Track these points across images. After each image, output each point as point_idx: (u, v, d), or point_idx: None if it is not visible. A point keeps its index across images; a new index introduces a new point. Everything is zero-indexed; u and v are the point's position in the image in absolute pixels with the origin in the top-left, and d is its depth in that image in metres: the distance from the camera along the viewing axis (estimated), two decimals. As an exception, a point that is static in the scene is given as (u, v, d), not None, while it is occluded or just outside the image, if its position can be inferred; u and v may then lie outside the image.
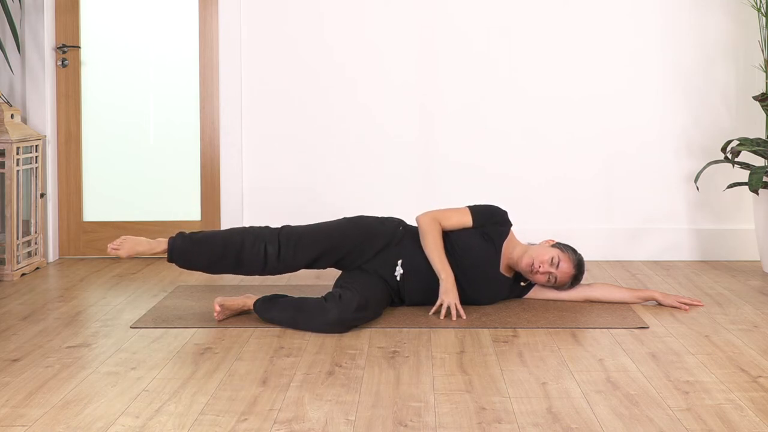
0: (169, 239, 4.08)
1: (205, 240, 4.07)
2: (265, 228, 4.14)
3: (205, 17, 5.47)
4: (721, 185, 5.39)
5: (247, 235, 4.08)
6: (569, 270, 4.15)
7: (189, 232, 4.12)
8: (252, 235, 4.08)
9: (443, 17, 5.40)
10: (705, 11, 5.37)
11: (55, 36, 5.45)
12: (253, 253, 4.04)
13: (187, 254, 4.06)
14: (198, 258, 4.06)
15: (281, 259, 4.07)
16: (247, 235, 4.08)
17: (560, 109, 5.43)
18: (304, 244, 4.09)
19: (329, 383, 3.13)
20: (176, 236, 4.09)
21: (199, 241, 4.07)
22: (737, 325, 3.91)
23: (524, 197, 5.42)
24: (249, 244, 4.05)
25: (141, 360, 3.41)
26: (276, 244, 4.07)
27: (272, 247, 4.06)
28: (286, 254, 4.07)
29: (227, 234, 4.10)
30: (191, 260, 4.07)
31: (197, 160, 5.53)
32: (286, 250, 4.07)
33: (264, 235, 4.09)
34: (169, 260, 4.09)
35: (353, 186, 5.45)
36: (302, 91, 5.44)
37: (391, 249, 4.15)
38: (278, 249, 4.06)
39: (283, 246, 4.07)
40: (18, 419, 2.80)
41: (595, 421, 2.77)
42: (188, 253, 4.06)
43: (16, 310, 4.22)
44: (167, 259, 4.08)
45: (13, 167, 4.95)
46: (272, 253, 4.06)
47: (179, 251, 4.05)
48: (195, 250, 4.05)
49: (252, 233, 4.09)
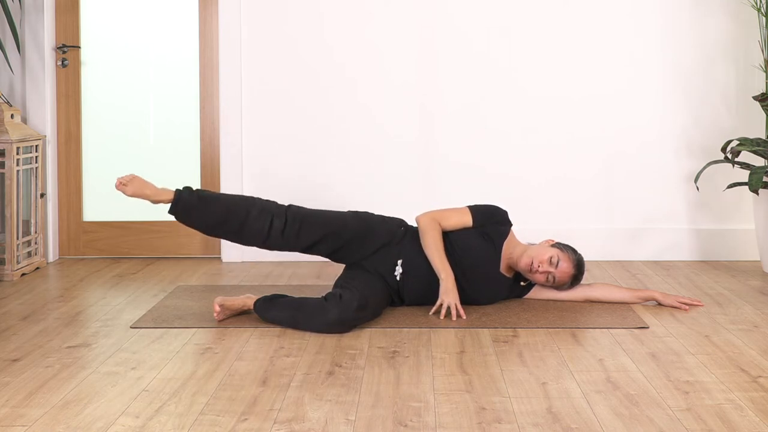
0: (176, 190, 4.02)
1: (212, 200, 4.02)
2: (272, 202, 4.13)
3: (205, 17, 5.47)
4: (721, 185, 5.39)
5: (254, 204, 4.05)
6: (568, 270, 4.15)
7: (196, 188, 4.05)
8: (259, 206, 4.06)
9: (443, 17, 5.40)
10: (705, 11, 5.37)
11: (55, 36, 5.45)
12: (258, 223, 4.02)
13: (192, 210, 4.00)
14: (201, 216, 4.00)
15: (285, 235, 4.06)
16: (254, 205, 4.05)
17: (560, 109, 5.43)
18: (309, 224, 4.08)
19: (329, 383, 3.13)
20: (183, 189, 4.03)
21: (206, 199, 4.01)
22: (737, 325, 3.91)
23: (524, 197, 5.42)
24: (255, 213, 4.03)
25: (141, 360, 3.41)
26: (283, 219, 4.05)
27: (279, 221, 4.04)
28: (290, 231, 4.05)
29: (235, 199, 4.06)
30: (194, 217, 4.01)
31: (197, 160, 5.53)
32: (292, 226, 4.06)
33: (271, 208, 4.07)
34: (170, 211, 4.01)
35: (353, 186, 5.45)
36: (302, 91, 5.44)
37: (392, 248, 4.15)
38: (284, 224, 4.05)
39: (289, 222, 4.05)
40: (18, 419, 2.80)
41: (595, 421, 2.77)
42: (193, 208, 3.99)
43: (16, 310, 4.22)
44: (169, 210, 4.01)
45: (13, 167, 4.95)
46: (278, 226, 4.04)
47: (184, 204, 3.99)
48: (200, 208, 3.99)
49: (259, 204, 4.07)
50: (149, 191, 4.02)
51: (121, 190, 4.01)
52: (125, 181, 4.01)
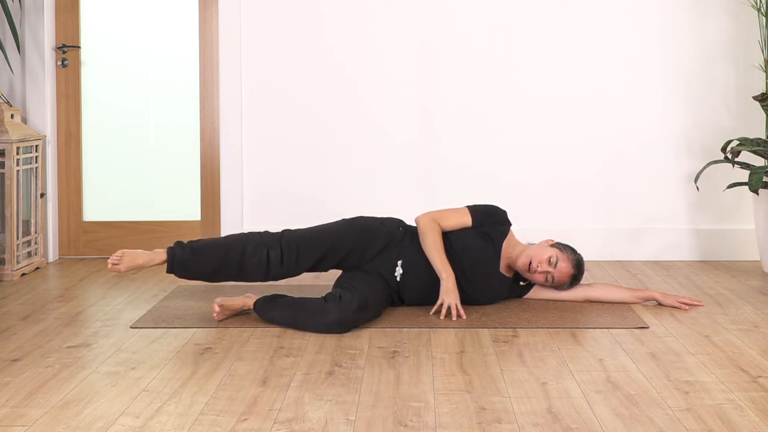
0: (167, 249, 4.00)
1: (205, 248, 4.01)
2: (265, 233, 4.10)
3: (205, 17, 5.47)
4: (721, 185, 5.39)
5: (248, 241, 4.03)
6: (567, 270, 4.14)
7: (187, 241, 4.03)
8: (253, 242, 4.03)
9: (443, 17, 5.40)
10: (705, 11, 5.37)
11: (55, 36, 5.45)
12: (255, 259, 4.01)
13: (188, 264, 3.99)
14: (199, 267, 3.99)
15: (284, 265, 4.05)
16: (248, 242, 4.03)
17: (560, 109, 5.43)
18: (306, 249, 4.07)
19: (329, 383, 3.13)
20: (175, 246, 4.01)
21: (200, 249, 4.00)
22: (737, 325, 3.91)
23: (524, 197, 5.42)
24: (251, 250, 4.01)
25: (141, 360, 3.41)
26: (278, 250, 4.04)
27: (274, 252, 4.03)
28: (288, 260, 4.05)
29: (228, 241, 4.04)
30: (192, 270, 4.01)
31: (197, 160, 5.53)
32: (289, 255, 4.04)
33: (265, 240, 4.05)
34: (168, 271, 4.01)
35: (353, 186, 5.45)
36: (302, 91, 5.44)
37: (392, 249, 4.15)
38: (281, 254, 4.03)
39: (285, 251, 4.04)
40: (18, 419, 2.80)
41: (595, 421, 2.77)
42: (189, 263, 3.99)
43: (16, 310, 4.22)
44: (167, 270, 4.01)
45: (13, 167, 4.95)
46: (275, 258, 4.03)
47: (180, 262, 3.98)
48: (196, 260, 3.98)
49: (253, 240, 4.04)
50: (141, 260, 3.97)
51: (115, 270, 3.94)
52: (116, 260, 3.94)
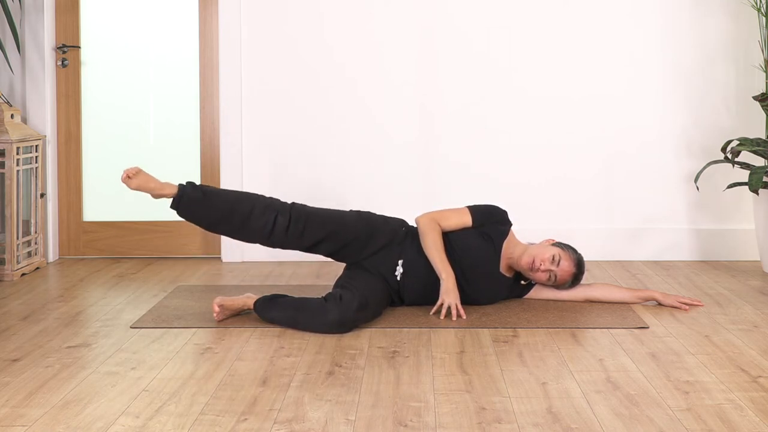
0: (179, 185, 3.99)
1: (215, 195, 3.99)
2: (275, 199, 4.11)
3: (205, 17, 5.47)
4: (721, 185, 5.39)
5: (258, 201, 4.04)
6: (570, 268, 4.15)
7: (200, 184, 4.03)
8: (263, 203, 4.04)
9: (443, 17, 5.40)
10: (705, 11, 5.37)
11: (55, 36, 5.45)
12: (261, 220, 4.00)
13: (195, 205, 3.96)
14: (204, 212, 3.97)
15: (289, 233, 4.04)
16: (258, 202, 4.03)
17: (560, 109, 5.43)
18: (312, 223, 4.07)
19: (329, 383, 3.13)
20: (187, 184, 4.00)
21: (210, 194, 3.99)
22: (737, 325, 3.91)
23: (524, 197, 5.42)
24: (259, 210, 4.01)
25: (141, 360, 3.41)
26: (287, 217, 4.04)
27: (283, 218, 4.03)
28: (295, 229, 4.04)
29: (238, 195, 4.04)
30: (197, 212, 3.98)
31: (197, 160, 5.53)
32: (296, 225, 4.04)
33: (275, 205, 4.06)
34: (173, 206, 3.98)
35: (353, 186, 5.45)
36: (302, 91, 5.44)
37: (393, 248, 4.15)
38: (288, 221, 4.03)
39: (293, 220, 4.04)
40: (18, 419, 2.80)
41: (595, 421, 2.77)
42: (196, 203, 3.96)
43: (16, 310, 4.22)
44: (171, 204, 3.98)
45: (13, 167, 4.95)
46: (282, 224, 4.02)
47: (188, 200, 3.95)
48: (204, 203, 3.96)
49: (263, 201, 4.05)
50: (153, 184, 3.98)
51: (126, 183, 3.96)
52: (131, 173, 3.96)
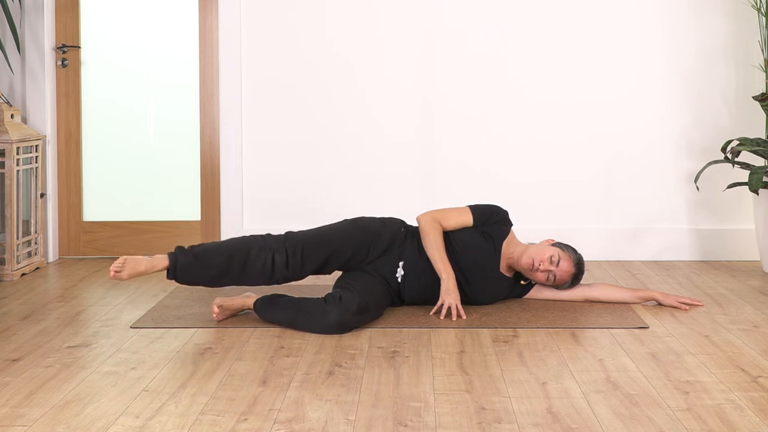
0: (169, 255, 3.90)
1: (208, 253, 3.91)
2: (267, 236, 4.02)
3: (205, 17, 5.47)
4: (721, 185, 5.39)
5: (252, 245, 3.95)
6: (569, 268, 4.15)
7: (188, 246, 3.93)
8: (257, 246, 3.95)
9: (445, 17, 5.40)
10: (705, 11, 5.37)
11: (55, 36, 5.45)
12: (259, 263, 3.93)
13: (190, 269, 3.89)
14: (202, 272, 3.89)
15: (289, 268, 3.97)
16: (252, 246, 3.95)
17: (560, 109, 5.43)
18: (311, 252, 4.01)
19: (329, 383, 3.13)
20: (176, 251, 3.91)
21: (202, 254, 3.90)
22: (737, 325, 3.91)
23: (524, 197, 5.42)
24: (255, 254, 3.93)
25: (141, 360, 3.41)
26: (283, 253, 3.97)
27: (280, 256, 3.96)
28: (294, 263, 3.98)
29: (230, 245, 3.95)
30: (194, 276, 3.90)
31: (197, 160, 5.53)
32: (294, 258, 3.98)
33: (269, 244, 3.97)
34: (170, 277, 3.90)
35: (353, 186, 5.45)
36: (302, 91, 5.44)
37: (394, 250, 4.15)
38: (286, 258, 3.96)
39: (290, 255, 3.97)
40: (18, 419, 2.80)
41: (595, 421, 2.77)
42: (191, 268, 3.88)
43: (16, 310, 4.22)
44: (168, 276, 3.90)
45: (13, 167, 4.95)
46: (280, 262, 3.95)
47: (182, 267, 3.88)
48: (198, 265, 3.88)
49: (256, 243, 3.96)
50: (143, 267, 3.85)
51: (117, 278, 3.83)
52: (118, 268, 3.82)
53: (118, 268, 3.82)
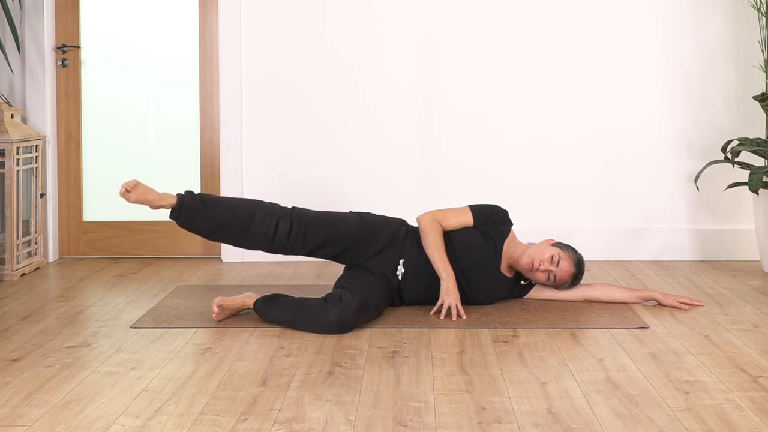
0: (178, 195, 3.94)
1: (215, 204, 3.96)
2: (276, 204, 4.09)
3: (205, 17, 5.47)
4: (721, 185, 5.39)
5: (258, 207, 4.01)
6: (569, 268, 4.15)
7: (198, 192, 3.98)
8: (263, 209, 4.01)
9: (444, 18, 5.39)
10: (705, 11, 5.37)
11: (55, 36, 5.45)
12: (263, 226, 3.97)
13: (195, 214, 3.92)
14: (205, 221, 3.93)
15: (291, 238, 4.01)
16: (259, 208, 4.01)
17: (560, 109, 5.43)
18: (314, 228, 4.05)
19: (329, 383, 3.13)
20: (185, 194, 3.95)
21: (210, 203, 3.95)
22: (737, 325, 3.91)
23: (525, 197, 5.42)
24: (260, 216, 3.98)
25: (141, 360, 3.41)
26: (288, 222, 4.01)
27: (284, 223, 4.00)
28: (296, 234, 4.02)
29: (238, 202, 4.00)
30: (197, 222, 3.94)
31: (197, 160, 5.53)
32: (298, 230, 4.02)
33: (276, 211, 4.03)
34: (172, 216, 3.93)
35: (353, 185, 5.45)
36: (302, 91, 5.44)
37: (394, 248, 4.15)
38: (290, 227, 4.01)
39: (294, 225, 4.02)
40: (18, 419, 2.80)
41: (595, 421, 2.77)
42: (196, 213, 3.92)
43: (16, 310, 4.22)
44: (171, 215, 3.93)
45: (13, 167, 4.95)
46: (283, 229, 4.00)
47: (188, 209, 3.91)
48: (203, 212, 3.92)
49: (263, 207, 4.02)
50: (152, 196, 3.92)
51: (125, 197, 3.89)
52: (129, 187, 3.90)
53: (129, 187, 3.89)
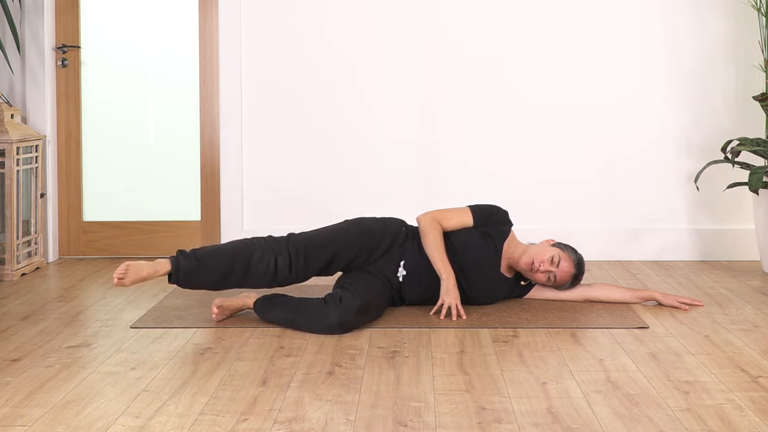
0: (171, 259, 3.86)
1: (209, 256, 3.87)
2: (269, 239, 4.00)
3: (205, 17, 5.47)
4: (721, 185, 5.39)
5: (254, 248, 3.92)
6: (569, 269, 4.15)
7: (190, 250, 3.90)
8: (259, 248, 3.92)
9: (444, 18, 5.39)
10: (705, 11, 5.37)
11: (55, 36, 5.45)
12: (262, 266, 3.90)
13: (192, 274, 3.85)
14: (204, 276, 3.86)
15: (293, 271, 3.95)
16: (255, 249, 3.92)
17: (560, 109, 5.43)
18: (313, 253, 3.98)
19: (329, 383, 3.13)
20: (178, 255, 3.88)
21: (204, 258, 3.87)
22: (737, 325, 3.91)
23: (525, 197, 5.42)
24: (258, 257, 3.90)
25: (141, 360, 3.41)
26: (286, 256, 3.94)
27: (283, 259, 3.93)
28: (297, 265, 3.95)
29: (232, 248, 3.91)
30: (197, 279, 3.87)
31: (197, 160, 5.53)
32: (297, 260, 3.95)
33: (272, 246, 3.95)
34: (171, 281, 3.87)
35: (353, 186, 5.45)
36: (302, 91, 5.44)
37: (395, 250, 4.15)
38: (289, 260, 3.94)
39: (293, 257, 3.95)
40: (18, 419, 2.80)
41: (595, 421, 2.77)
42: (193, 272, 3.85)
43: (16, 310, 4.22)
44: (170, 280, 3.86)
45: (13, 167, 4.95)
46: (283, 265, 3.93)
47: (184, 271, 3.84)
48: (200, 269, 3.85)
49: (259, 246, 3.93)
50: (146, 272, 3.81)
51: (120, 284, 3.78)
52: (121, 274, 3.77)
53: (120, 275, 3.78)
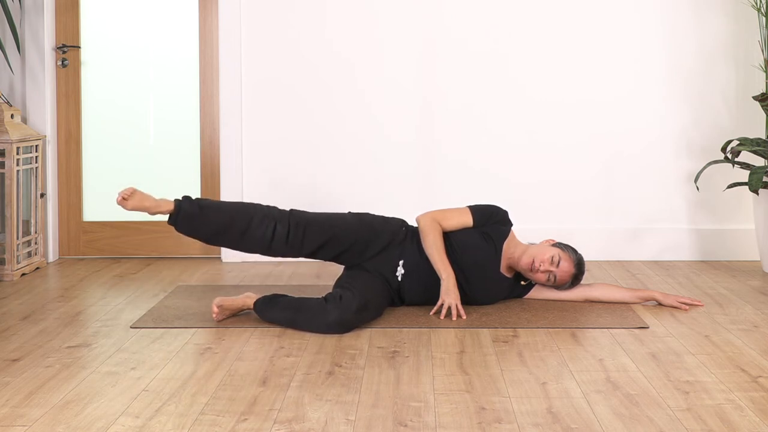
0: (175, 200, 3.94)
1: (213, 208, 3.96)
2: (273, 207, 4.08)
3: (205, 17, 5.47)
4: (721, 185, 5.39)
5: (256, 211, 4.01)
6: (569, 269, 4.15)
7: (195, 198, 3.98)
8: (261, 212, 4.01)
9: (444, 18, 5.39)
10: (705, 11, 5.37)
11: (55, 36, 5.45)
12: (260, 230, 3.98)
13: (193, 219, 3.92)
14: (202, 226, 3.93)
15: (288, 242, 4.02)
16: (256, 211, 4.01)
17: (560, 110, 5.43)
18: (312, 230, 4.05)
19: (329, 383, 3.13)
20: (183, 199, 3.95)
21: (207, 208, 3.95)
22: (737, 325, 3.91)
23: (525, 197, 5.42)
24: (258, 220, 3.98)
25: (141, 360, 3.41)
26: (286, 225, 4.01)
27: (282, 227, 4.00)
28: (294, 237, 4.02)
29: (236, 206, 4.01)
30: (194, 227, 3.94)
31: (197, 160, 5.53)
32: (296, 233, 4.02)
33: (273, 214, 4.03)
34: (170, 222, 3.93)
35: (353, 186, 5.45)
36: (303, 91, 5.44)
37: (394, 248, 4.15)
38: (288, 230, 4.01)
39: (292, 228, 4.02)
40: (18, 419, 2.80)
41: (595, 421, 2.77)
42: (194, 218, 3.92)
43: (16, 310, 4.22)
44: (169, 220, 3.93)
45: (13, 167, 4.95)
46: (281, 233, 4.00)
47: (185, 215, 3.91)
48: (201, 217, 3.92)
49: (261, 210, 4.02)
50: (149, 203, 3.91)
51: (122, 205, 3.87)
52: (126, 194, 3.88)
53: (125, 195, 3.88)
